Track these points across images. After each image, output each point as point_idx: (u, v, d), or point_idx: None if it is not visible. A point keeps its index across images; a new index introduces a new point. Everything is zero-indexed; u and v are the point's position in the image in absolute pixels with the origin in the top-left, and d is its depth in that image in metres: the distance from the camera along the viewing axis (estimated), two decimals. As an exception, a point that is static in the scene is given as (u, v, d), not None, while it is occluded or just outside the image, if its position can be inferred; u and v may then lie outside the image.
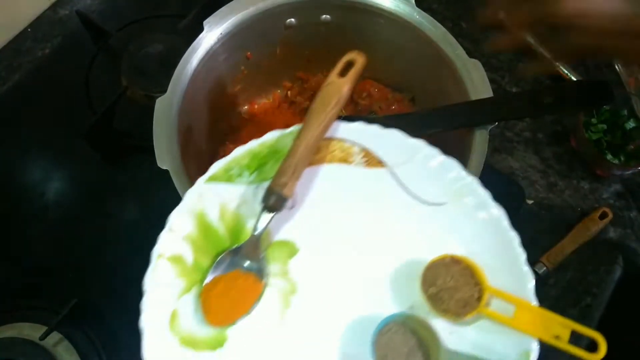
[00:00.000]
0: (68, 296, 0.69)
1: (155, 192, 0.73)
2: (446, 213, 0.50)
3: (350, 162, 0.53)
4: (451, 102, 0.63)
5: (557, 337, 0.44)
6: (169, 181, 0.56)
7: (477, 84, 0.62)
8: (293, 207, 0.51)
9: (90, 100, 0.84)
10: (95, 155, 0.81)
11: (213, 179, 0.51)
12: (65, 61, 0.89)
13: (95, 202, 0.80)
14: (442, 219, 0.50)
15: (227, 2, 0.67)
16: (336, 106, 0.51)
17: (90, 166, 0.82)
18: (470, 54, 0.64)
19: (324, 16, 0.72)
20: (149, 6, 0.93)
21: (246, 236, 0.50)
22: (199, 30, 0.65)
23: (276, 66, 0.77)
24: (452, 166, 0.50)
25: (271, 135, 0.52)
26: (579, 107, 0.76)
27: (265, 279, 0.49)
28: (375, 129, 0.52)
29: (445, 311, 0.46)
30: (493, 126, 0.60)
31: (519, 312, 0.45)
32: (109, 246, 0.76)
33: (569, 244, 0.78)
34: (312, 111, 0.50)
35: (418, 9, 0.67)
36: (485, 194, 0.49)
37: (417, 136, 0.52)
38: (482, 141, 0.59)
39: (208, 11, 0.66)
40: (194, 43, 0.64)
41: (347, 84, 0.52)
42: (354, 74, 0.53)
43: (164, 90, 0.61)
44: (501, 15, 0.50)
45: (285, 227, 0.51)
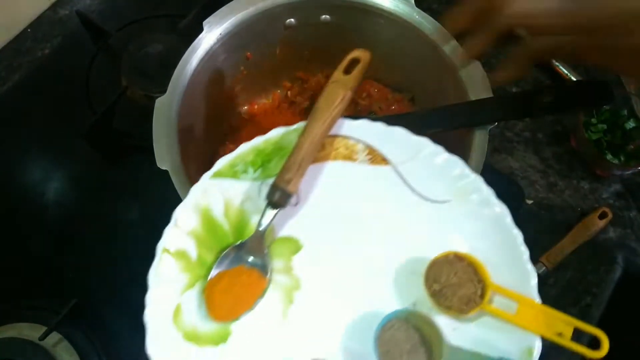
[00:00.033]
0: (68, 296, 0.69)
1: (155, 192, 0.73)
2: (450, 210, 0.50)
3: (355, 160, 0.53)
4: (451, 102, 0.63)
5: (560, 335, 0.44)
6: (168, 181, 0.56)
7: (477, 84, 0.62)
8: (297, 204, 0.51)
9: (90, 100, 0.83)
10: (95, 155, 0.81)
11: (218, 174, 0.51)
12: (65, 61, 0.89)
13: (95, 202, 0.80)
14: (445, 216, 0.50)
15: (227, 2, 0.67)
16: (341, 103, 0.51)
17: (90, 166, 0.82)
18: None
19: (323, 16, 0.71)
20: (148, 6, 0.93)
21: (250, 232, 0.49)
22: (199, 31, 0.65)
23: (276, 66, 0.77)
24: (456, 164, 0.50)
25: (276, 132, 0.52)
26: (579, 107, 0.76)
27: (268, 274, 0.49)
28: (380, 126, 0.52)
29: (449, 308, 0.46)
30: (493, 126, 0.60)
31: (521, 309, 0.45)
32: (108, 246, 0.76)
33: (568, 244, 0.78)
34: (317, 108, 0.50)
35: (418, 9, 0.67)
36: (489, 191, 0.49)
37: (417, 136, 0.52)
38: (481, 141, 0.59)
39: (208, 11, 0.66)
40: (194, 43, 0.64)
41: (352, 81, 0.52)
42: (359, 71, 0.53)
43: (163, 91, 0.61)
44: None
45: (289, 223, 0.51)
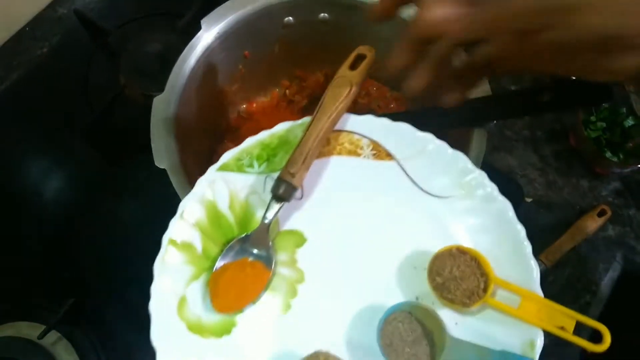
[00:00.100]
0: (66, 295, 0.69)
1: (154, 190, 0.73)
2: (453, 205, 0.50)
3: (359, 155, 0.53)
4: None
5: (562, 328, 0.44)
6: (167, 180, 0.56)
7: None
8: (302, 198, 0.51)
9: (89, 99, 0.83)
10: (94, 154, 0.81)
11: (224, 167, 0.51)
12: (64, 60, 0.89)
13: (93, 200, 0.80)
14: (449, 210, 0.50)
15: (225, 0, 0.67)
16: (346, 98, 0.51)
17: (89, 165, 0.82)
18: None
19: (322, 15, 0.72)
20: (147, 5, 0.93)
21: (255, 225, 0.50)
22: (197, 29, 0.65)
23: (274, 65, 0.77)
24: (460, 159, 0.51)
25: (282, 127, 0.52)
26: (578, 105, 0.76)
27: (273, 267, 0.49)
28: (385, 122, 0.52)
29: (451, 301, 0.46)
30: (492, 124, 0.60)
31: (524, 303, 0.45)
32: (107, 245, 0.76)
33: (567, 242, 0.78)
34: (323, 103, 0.51)
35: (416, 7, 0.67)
36: (493, 186, 0.50)
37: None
38: (480, 139, 0.59)
39: (206, 10, 0.66)
40: (192, 42, 0.64)
41: (358, 77, 0.52)
42: (364, 67, 0.53)
43: (161, 89, 0.61)
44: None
45: (293, 217, 0.51)
